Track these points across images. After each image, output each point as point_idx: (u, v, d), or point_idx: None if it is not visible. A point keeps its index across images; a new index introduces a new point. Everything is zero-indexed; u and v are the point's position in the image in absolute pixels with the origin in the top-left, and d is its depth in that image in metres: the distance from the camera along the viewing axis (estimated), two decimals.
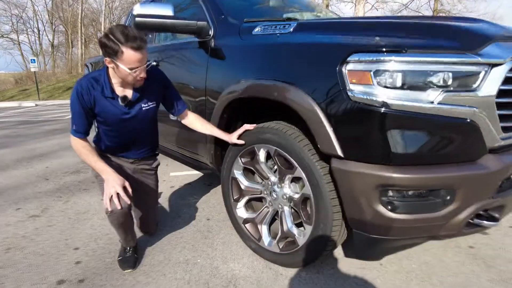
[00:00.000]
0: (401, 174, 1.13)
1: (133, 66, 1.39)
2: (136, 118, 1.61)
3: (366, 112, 1.14)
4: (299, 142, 1.40)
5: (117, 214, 1.46)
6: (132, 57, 1.36)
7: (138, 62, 1.39)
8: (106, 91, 1.51)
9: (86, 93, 1.49)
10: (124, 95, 1.54)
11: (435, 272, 1.56)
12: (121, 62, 1.37)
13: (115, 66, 1.41)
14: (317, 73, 1.27)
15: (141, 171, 1.81)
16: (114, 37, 1.34)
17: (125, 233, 1.62)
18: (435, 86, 1.10)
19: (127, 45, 1.33)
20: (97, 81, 1.51)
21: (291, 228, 1.56)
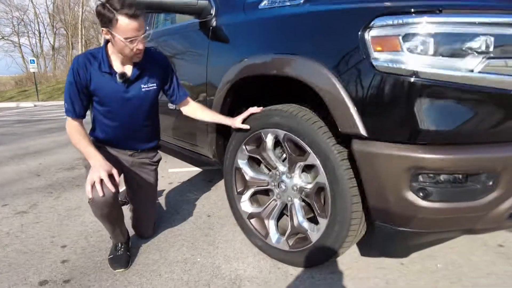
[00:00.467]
0: (436, 154, 0.96)
1: (129, 36, 1.27)
2: (135, 99, 1.48)
3: (394, 83, 0.98)
4: (312, 124, 1.24)
5: (100, 203, 1.30)
6: (127, 26, 1.25)
7: (134, 31, 1.27)
8: (103, 66, 1.40)
9: (83, 69, 1.38)
10: (122, 71, 1.43)
11: (464, 273, 1.39)
12: (116, 31, 1.27)
13: (111, 37, 1.31)
14: (336, 43, 1.11)
15: (141, 165, 1.65)
16: (109, 4, 1.24)
17: (112, 226, 1.44)
18: (475, 52, 0.94)
19: (122, 12, 1.23)
20: (94, 57, 1.41)
21: (302, 223, 1.39)
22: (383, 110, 1.01)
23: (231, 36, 1.59)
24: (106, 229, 1.47)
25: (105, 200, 1.29)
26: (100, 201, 1.28)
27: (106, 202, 1.30)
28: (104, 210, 1.33)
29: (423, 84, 0.95)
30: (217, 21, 1.71)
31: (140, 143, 1.61)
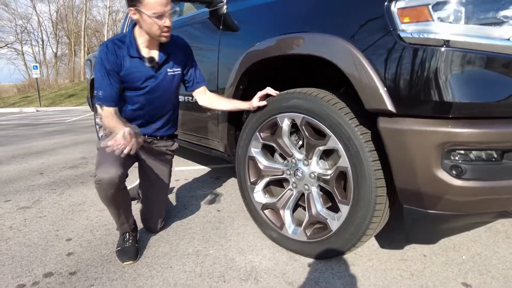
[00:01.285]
0: (470, 129, 0.90)
1: (157, 11, 1.28)
2: (163, 83, 1.48)
3: (423, 54, 0.92)
4: (333, 105, 1.19)
5: (106, 184, 1.25)
6: (155, 0, 1.25)
7: (161, 5, 1.28)
8: (132, 51, 1.39)
9: (112, 54, 1.37)
10: (150, 56, 1.42)
11: (492, 265, 1.32)
12: (144, 8, 1.27)
13: (139, 17, 1.31)
14: (359, 17, 1.06)
15: (158, 154, 1.62)
16: None
17: (117, 210, 1.38)
18: (510, 20, 0.89)
19: None
20: (122, 41, 1.41)
21: (320, 211, 1.32)
22: (412, 84, 0.95)
23: (245, 21, 1.55)
24: (112, 215, 1.41)
25: (112, 181, 1.25)
26: (106, 181, 1.25)
27: (111, 182, 1.26)
28: (109, 191, 1.28)
29: (455, 53, 0.90)
30: (228, 8, 1.67)
31: (161, 129, 1.59)
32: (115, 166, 1.27)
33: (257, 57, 1.41)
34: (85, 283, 1.23)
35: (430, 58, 0.92)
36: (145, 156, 1.58)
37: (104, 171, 1.25)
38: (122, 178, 1.28)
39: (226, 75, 1.65)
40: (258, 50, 1.41)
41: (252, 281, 1.23)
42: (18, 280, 1.26)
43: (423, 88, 0.93)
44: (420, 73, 0.93)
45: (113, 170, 1.25)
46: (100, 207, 2.00)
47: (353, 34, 1.06)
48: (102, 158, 1.32)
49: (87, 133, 5.48)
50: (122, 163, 1.30)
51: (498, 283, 1.20)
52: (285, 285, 1.21)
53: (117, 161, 1.28)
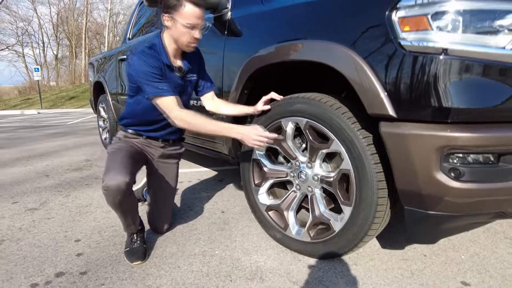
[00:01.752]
0: (467, 133, 0.94)
1: (191, 22, 1.33)
2: (186, 91, 1.54)
3: (423, 62, 0.96)
4: (336, 110, 1.23)
5: (113, 191, 1.28)
6: (192, 11, 1.32)
7: (196, 18, 1.34)
8: (165, 59, 1.42)
9: (155, 60, 1.39)
10: (179, 65, 1.48)
11: (491, 264, 1.36)
12: (179, 17, 1.32)
13: (172, 24, 1.36)
14: (361, 25, 1.10)
15: (168, 157, 1.67)
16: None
17: (124, 214, 1.42)
18: (506, 29, 0.93)
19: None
20: (155, 49, 1.41)
21: (324, 212, 1.37)
22: (412, 90, 0.99)
23: (250, 27, 1.59)
24: (119, 217, 1.45)
25: (119, 188, 1.28)
26: (114, 188, 1.28)
27: (119, 189, 1.28)
28: (117, 198, 1.31)
29: (453, 61, 0.94)
30: (233, 14, 1.72)
31: (174, 133, 1.63)
32: (123, 173, 1.30)
33: (262, 63, 1.45)
34: (96, 282, 1.27)
35: (429, 65, 0.96)
36: (154, 161, 1.63)
37: (112, 178, 1.28)
38: (129, 185, 1.31)
39: (231, 79, 1.69)
40: (262, 56, 1.45)
41: (258, 280, 1.27)
42: (31, 279, 1.29)
43: (423, 94, 0.97)
44: (420, 80, 0.98)
45: (121, 178, 1.28)
46: (106, 209, 2.04)
47: (356, 42, 1.10)
48: (111, 164, 1.36)
49: (89, 135, 5.53)
50: (130, 169, 1.34)
51: (496, 281, 1.24)
52: (290, 284, 1.25)
53: (125, 168, 1.32)
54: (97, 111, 4.24)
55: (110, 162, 1.37)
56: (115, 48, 3.92)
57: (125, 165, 1.34)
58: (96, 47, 28.84)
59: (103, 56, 3.99)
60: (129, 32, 3.44)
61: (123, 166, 1.33)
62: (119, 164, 1.34)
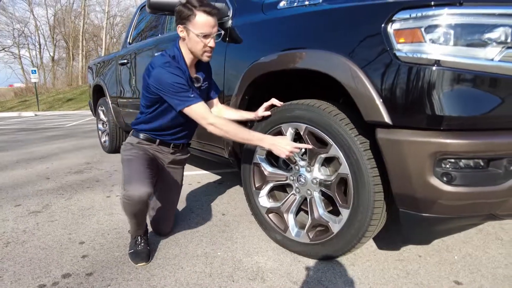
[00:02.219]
0: (459, 140, 1.00)
1: (204, 31, 1.37)
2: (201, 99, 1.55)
3: (417, 72, 1.02)
4: (335, 116, 1.28)
5: (135, 201, 1.34)
6: (204, 21, 1.36)
7: (209, 27, 1.37)
8: (186, 71, 1.46)
9: (178, 69, 1.41)
10: (196, 76, 1.52)
11: (482, 264, 1.41)
12: (193, 27, 1.37)
13: (186, 34, 1.40)
14: (359, 36, 1.15)
15: (176, 163, 1.72)
16: (189, 2, 1.37)
17: (137, 221, 1.47)
18: (494, 42, 0.99)
19: (200, 9, 1.36)
20: (176, 60, 1.45)
21: (323, 215, 1.42)
22: (407, 98, 1.05)
23: (251, 35, 1.64)
24: (131, 224, 1.49)
25: (141, 199, 1.34)
26: (136, 199, 1.33)
27: (141, 200, 1.34)
28: (137, 207, 1.36)
29: (445, 72, 0.99)
30: (234, 22, 1.77)
31: (186, 138, 1.69)
32: (145, 184, 1.35)
33: (263, 70, 1.50)
34: (102, 283, 1.31)
35: (423, 76, 1.01)
36: (164, 166, 1.67)
37: (136, 188, 1.33)
38: (150, 196, 1.38)
39: (232, 84, 1.73)
40: (263, 63, 1.50)
41: (259, 281, 1.31)
42: (39, 280, 1.33)
43: (417, 103, 1.03)
44: (414, 89, 1.03)
45: (144, 189, 1.34)
46: (108, 211, 2.08)
47: (354, 52, 1.16)
48: (131, 173, 1.41)
49: (88, 138, 5.55)
50: (150, 180, 1.40)
51: (487, 281, 1.29)
52: (290, 284, 1.30)
53: (146, 178, 1.38)
54: (97, 114, 4.27)
55: (130, 171, 1.42)
56: (114, 52, 3.96)
57: (146, 175, 1.40)
58: (93, 49, 28.79)
59: (102, 60, 4.03)
60: (130, 37, 3.48)
61: (144, 177, 1.39)
62: (140, 174, 1.39)
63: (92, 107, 4.49)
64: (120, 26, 28.57)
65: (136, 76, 3.03)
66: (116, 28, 28.81)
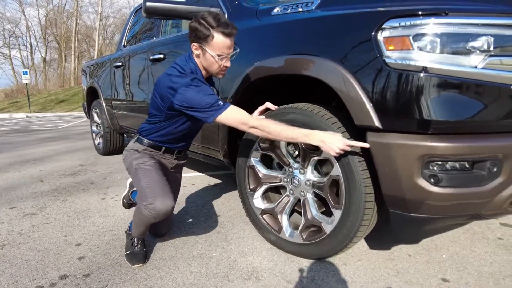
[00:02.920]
0: (445, 143, 1.05)
1: (221, 53, 1.34)
2: None
3: (405, 78, 1.07)
4: (327, 120, 1.32)
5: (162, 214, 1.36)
6: (222, 43, 1.32)
7: (227, 48, 1.34)
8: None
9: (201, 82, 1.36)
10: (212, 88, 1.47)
11: (469, 262, 1.46)
12: (209, 48, 1.33)
13: (201, 53, 1.36)
14: (350, 43, 1.20)
15: (177, 167, 1.73)
16: (206, 21, 1.30)
17: (146, 228, 1.51)
18: (477, 50, 1.04)
19: (218, 30, 1.30)
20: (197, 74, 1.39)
21: (316, 216, 1.45)
22: (396, 104, 1.09)
23: (245, 40, 1.68)
24: (139, 229, 1.51)
25: (166, 212, 1.36)
26: (163, 212, 1.35)
27: (166, 213, 1.37)
28: (159, 218, 1.39)
29: (432, 78, 1.04)
30: None
31: (188, 145, 1.69)
32: (170, 198, 1.37)
33: (258, 75, 1.54)
34: (100, 284, 1.33)
35: (411, 82, 1.06)
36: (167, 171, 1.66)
37: (162, 202, 1.33)
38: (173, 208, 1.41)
39: (226, 88, 1.77)
40: (258, 68, 1.54)
41: (254, 280, 1.35)
42: (36, 282, 1.35)
43: (406, 108, 1.08)
44: (403, 94, 1.08)
45: (170, 202, 1.36)
46: (104, 213, 2.09)
47: (345, 59, 1.20)
48: (154, 186, 1.39)
49: (82, 140, 5.53)
50: (172, 192, 1.42)
51: (473, 278, 1.34)
52: (284, 283, 1.33)
53: (170, 192, 1.40)
54: (91, 116, 4.27)
55: (151, 183, 1.40)
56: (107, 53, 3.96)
57: (169, 188, 1.41)
58: (85, 50, 28.58)
59: (96, 62, 4.04)
60: (124, 39, 3.49)
61: (168, 190, 1.40)
62: (164, 187, 1.40)
63: (86, 109, 4.49)
64: (113, 27, 28.42)
65: (130, 78, 3.04)
66: (109, 29, 28.65)
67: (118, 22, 27.54)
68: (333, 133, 1.26)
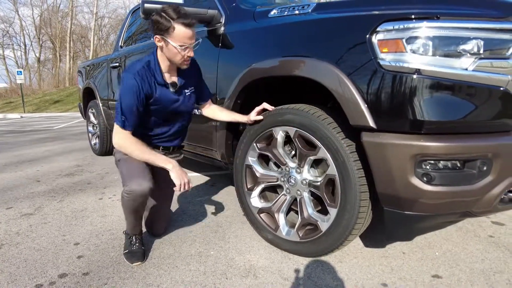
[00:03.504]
0: (437, 142, 1.08)
1: (183, 43, 1.39)
2: (184, 104, 1.60)
3: (399, 80, 1.10)
4: (323, 120, 1.35)
5: (137, 194, 1.40)
6: (182, 33, 1.37)
7: (188, 39, 1.39)
8: (159, 78, 1.49)
9: (145, 82, 1.45)
10: (172, 81, 1.54)
11: (461, 259, 1.50)
12: (171, 39, 1.38)
13: (164, 45, 1.41)
14: (345, 45, 1.23)
15: None
16: (166, 14, 1.36)
17: (135, 217, 1.51)
18: (468, 53, 1.08)
19: (178, 21, 1.36)
20: (149, 68, 1.48)
21: (312, 214, 1.48)
22: (390, 104, 1.13)
23: (243, 42, 1.70)
24: (128, 220, 1.53)
25: (142, 192, 1.39)
26: (138, 193, 1.39)
27: (143, 193, 1.40)
28: (138, 201, 1.42)
29: (425, 80, 1.08)
30: (227, 29, 1.83)
31: (175, 141, 1.72)
32: (146, 179, 1.41)
33: (255, 76, 1.56)
34: (99, 282, 1.35)
35: (404, 83, 1.10)
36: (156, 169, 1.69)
37: (137, 183, 1.38)
38: (151, 190, 1.43)
39: (225, 87, 1.80)
40: (256, 69, 1.57)
41: (252, 278, 1.37)
42: (35, 280, 1.36)
43: (399, 108, 1.11)
44: (397, 95, 1.11)
45: (145, 183, 1.40)
46: (102, 213, 2.10)
47: (341, 61, 1.23)
48: (130, 170, 1.45)
49: (78, 141, 5.51)
50: (149, 176, 1.45)
51: (465, 274, 1.38)
52: (281, 280, 1.36)
53: (146, 174, 1.43)
54: (87, 117, 4.27)
55: (129, 169, 1.46)
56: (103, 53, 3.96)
57: (145, 172, 1.45)
58: (80, 50, 28.42)
59: (93, 63, 4.04)
60: (121, 40, 3.50)
61: (144, 173, 1.44)
62: (139, 171, 1.44)
63: (82, 110, 4.48)
64: (108, 28, 28.32)
65: None
66: (104, 29, 28.53)
67: (113, 22, 27.44)
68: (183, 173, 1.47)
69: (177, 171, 1.45)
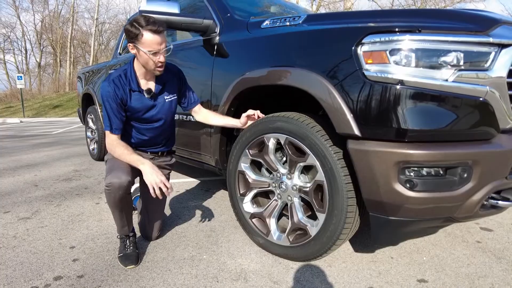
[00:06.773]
0: (419, 150, 1.13)
1: (152, 49, 1.45)
2: (162, 111, 1.65)
3: (383, 90, 1.15)
4: (311, 128, 1.40)
5: (116, 188, 1.44)
6: (150, 39, 1.43)
7: (156, 44, 1.45)
8: (133, 85, 1.56)
9: (119, 89, 1.54)
10: (148, 88, 1.59)
11: (447, 264, 1.54)
12: (141, 45, 1.45)
13: (137, 52, 1.49)
14: (332, 56, 1.28)
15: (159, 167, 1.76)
16: (136, 22, 1.44)
17: (121, 214, 1.56)
18: (448, 65, 1.13)
19: (146, 28, 1.43)
20: (125, 76, 1.56)
21: (301, 219, 1.52)
22: (374, 113, 1.17)
23: (236, 51, 1.76)
24: (115, 218, 1.57)
25: (120, 184, 1.44)
26: (116, 186, 1.44)
27: (121, 186, 1.45)
28: (118, 194, 1.46)
29: (407, 90, 1.13)
30: (221, 39, 1.89)
31: (161, 146, 1.78)
32: (125, 173, 1.47)
33: (247, 84, 1.62)
34: (93, 284, 1.38)
35: (388, 93, 1.14)
36: None
37: (115, 176, 1.45)
38: (130, 184, 1.48)
39: (219, 94, 1.85)
40: (248, 78, 1.62)
41: (242, 281, 1.40)
42: (31, 283, 1.39)
43: (384, 117, 1.16)
44: (381, 105, 1.16)
45: (123, 176, 1.45)
46: (98, 217, 2.14)
47: (328, 71, 1.28)
48: (112, 167, 1.51)
49: (76, 146, 5.55)
50: (130, 172, 1.50)
51: (450, 278, 1.41)
52: (271, 284, 1.39)
53: (126, 170, 1.49)
54: (85, 122, 4.31)
55: (111, 166, 1.53)
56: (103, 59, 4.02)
57: (127, 168, 1.50)
58: (80, 55, 28.59)
59: (92, 69, 4.10)
60: (120, 47, 3.56)
61: (125, 169, 1.49)
62: (121, 167, 1.50)
63: (81, 115, 4.53)
64: (109, 33, 28.53)
65: None
66: (104, 35, 28.74)
67: (114, 28, 27.67)
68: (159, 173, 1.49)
69: (148, 171, 1.47)
